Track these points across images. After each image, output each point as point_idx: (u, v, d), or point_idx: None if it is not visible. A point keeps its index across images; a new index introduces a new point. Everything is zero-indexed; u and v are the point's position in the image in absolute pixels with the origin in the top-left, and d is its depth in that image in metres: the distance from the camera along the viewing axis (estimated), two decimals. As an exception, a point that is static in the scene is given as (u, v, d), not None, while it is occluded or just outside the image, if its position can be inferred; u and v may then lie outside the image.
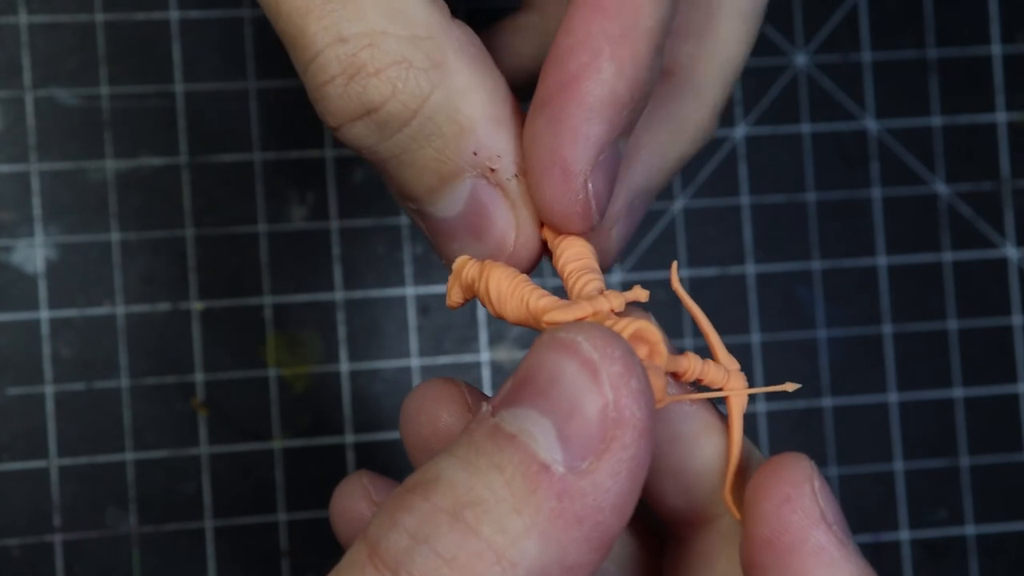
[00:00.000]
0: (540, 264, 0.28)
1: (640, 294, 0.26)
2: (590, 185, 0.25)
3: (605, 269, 0.28)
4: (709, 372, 0.26)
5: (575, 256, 0.26)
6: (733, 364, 0.26)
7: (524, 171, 0.26)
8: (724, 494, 0.25)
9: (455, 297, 0.27)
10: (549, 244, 0.27)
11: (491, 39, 0.34)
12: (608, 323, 0.24)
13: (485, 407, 0.22)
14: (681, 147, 0.30)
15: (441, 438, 0.28)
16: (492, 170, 0.26)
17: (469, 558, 0.20)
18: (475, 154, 0.26)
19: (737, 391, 0.26)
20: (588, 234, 0.27)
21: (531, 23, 0.34)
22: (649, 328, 0.24)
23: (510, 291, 0.25)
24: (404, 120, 0.25)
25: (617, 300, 0.25)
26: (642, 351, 0.24)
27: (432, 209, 0.27)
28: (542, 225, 0.27)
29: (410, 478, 0.22)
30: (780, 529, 0.23)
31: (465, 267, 0.26)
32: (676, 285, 0.27)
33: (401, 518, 0.21)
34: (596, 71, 0.25)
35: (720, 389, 0.26)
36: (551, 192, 0.25)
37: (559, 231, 0.27)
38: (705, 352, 0.27)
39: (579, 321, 0.23)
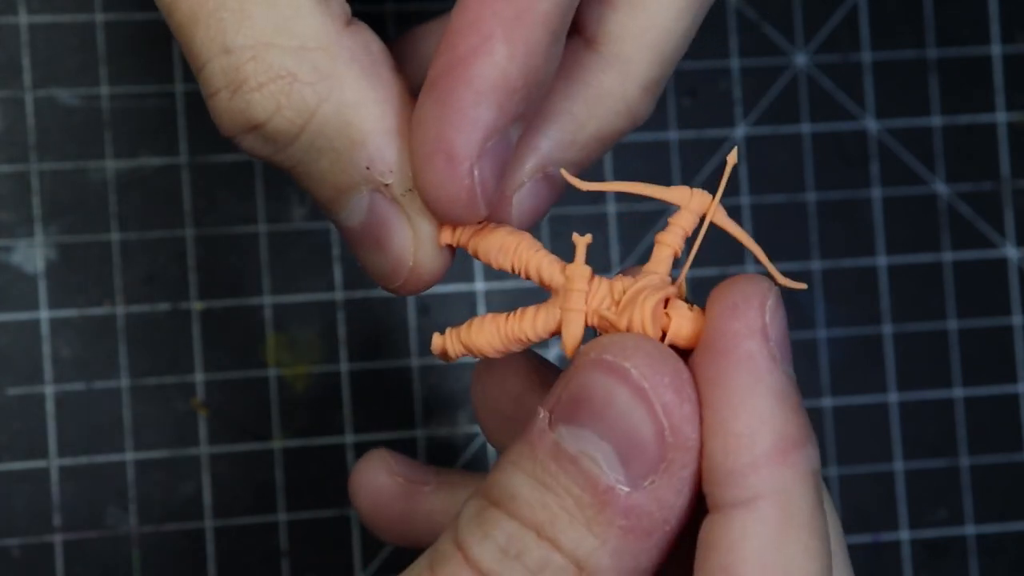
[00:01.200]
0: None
1: (586, 238, 0.25)
2: (476, 172, 0.24)
3: None
4: (686, 223, 0.25)
5: (497, 246, 0.26)
6: (684, 193, 0.25)
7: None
8: (776, 279, 0.26)
9: (454, 359, 0.27)
10: (460, 245, 0.26)
11: (428, 36, 0.33)
12: (625, 317, 0.24)
13: (542, 413, 0.23)
14: (599, 121, 0.28)
15: (509, 401, 0.30)
16: (386, 184, 0.25)
17: (554, 571, 0.22)
18: (367, 168, 0.25)
19: (711, 210, 0.25)
20: (472, 222, 0.26)
21: None
22: (662, 290, 0.24)
23: (504, 339, 0.26)
24: (292, 135, 0.25)
25: (583, 269, 0.25)
26: (661, 305, 0.24)
27: (336, 218, 0.26)
28: (449, 227, 0.26)
29: (491, 488, 0.23)
30: (719, 333, 0.23)
31: (447, 347, 0.26)
32: (581, 184, 0.26)
33: (492, 532, 0.23)
34: (487, 53, 0.24)
35: (703, 220, 0.25)
36: (434, 178, 0.24)
37: (444, 220, 0.26)
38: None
39: (618, 336, 0.23)
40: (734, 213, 0.45)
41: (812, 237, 0.46)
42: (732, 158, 0.25)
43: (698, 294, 0.48)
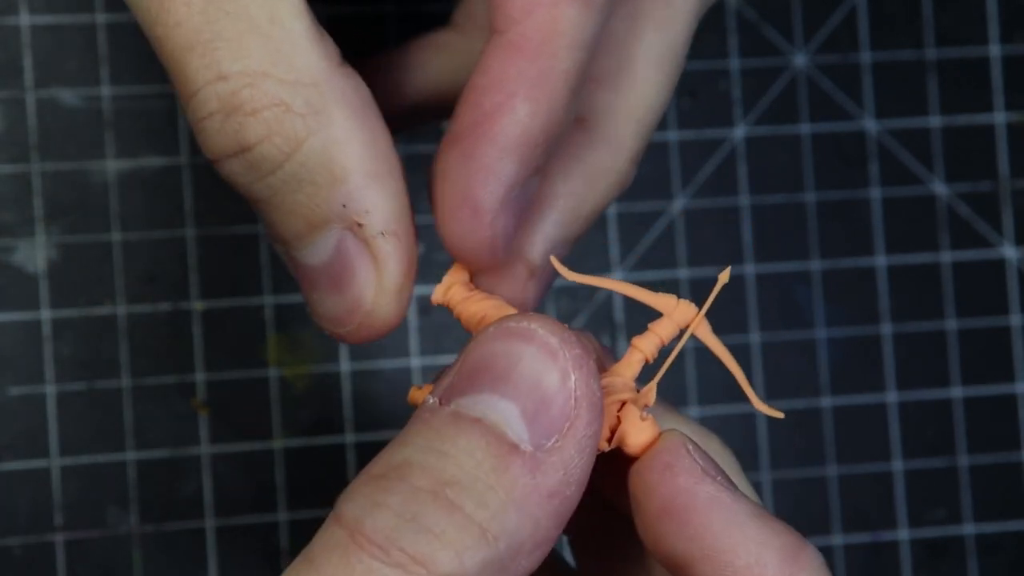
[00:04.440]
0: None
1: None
2: (497, 223, 0.26)
3: None
4: (664, 333, 0.26)
5: (479, 317, 0.26)
6: (669, 302, 0.26)
7: (396, 232, 0.26)
8: (753, 404, 0.26)
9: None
10: (448, 306, 0.27)
11: (410, 55, 0.34)
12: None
13: (431, 399, 0.23)
14: (596, 197, 0.30)
15: None
16: (359, 225, 0.26)
17: (457, 532, 0.21)
18: (344, 207, 0.25)
19: (695, 323, 0.26)
20: (492, 268, 0.27)
21: (452, 42, 0.34)
22: (620, 393, 0.25)
23: None
24: (277, 163, 0.25)
25: None
26: (615, 407, 0.25)
27: (298, 255, 0.27)
28: (443, 287, 0.27)
29: (374, 466, 0.23)
30: (671, 495, 0.23)
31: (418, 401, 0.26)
32: (569, 274, 0.27)
33: (384, 499, 0.22)
34: (511, 110, 0.25)
35: (684, 330, 0.26)
36: (459, 229, 0.26)
37: (465, 266, 0.27)
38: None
39: (527, 314, 0.23)
40: (734, 214, 0.45)
41: (811, 237, 0.46)
42: (724, 277, 0.26)
43: (699, 290, 0.48)
